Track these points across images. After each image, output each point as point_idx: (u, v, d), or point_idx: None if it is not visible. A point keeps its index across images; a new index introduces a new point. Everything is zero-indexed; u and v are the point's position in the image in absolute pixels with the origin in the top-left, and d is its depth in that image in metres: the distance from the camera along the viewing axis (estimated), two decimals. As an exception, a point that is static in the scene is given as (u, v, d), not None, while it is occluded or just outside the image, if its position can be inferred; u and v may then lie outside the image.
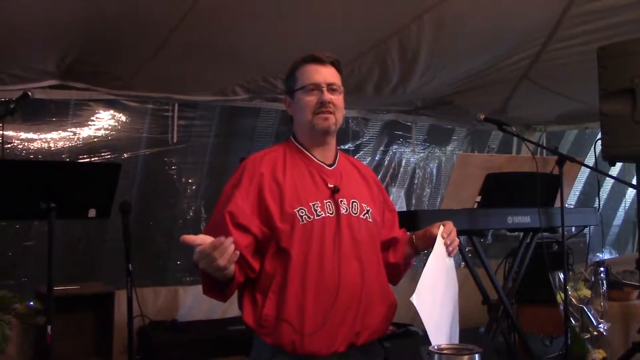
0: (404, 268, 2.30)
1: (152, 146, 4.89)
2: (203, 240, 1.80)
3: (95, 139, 4.67)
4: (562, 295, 3.30)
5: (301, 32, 3.84)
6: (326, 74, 2.13)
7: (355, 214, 2.10)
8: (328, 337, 1.98)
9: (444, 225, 2.12)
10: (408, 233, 2.31)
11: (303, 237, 1.99)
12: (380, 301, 2.11)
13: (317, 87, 2.11)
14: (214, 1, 3.42)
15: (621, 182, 4.36)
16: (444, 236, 2.10)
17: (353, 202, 2.11)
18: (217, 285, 1.94)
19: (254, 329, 2.00)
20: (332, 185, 2.09)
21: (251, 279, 2.02)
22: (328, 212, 2.04)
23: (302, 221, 2.00)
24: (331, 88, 2.12)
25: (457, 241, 2.14)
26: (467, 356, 1.73)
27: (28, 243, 4.48)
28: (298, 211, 2.01)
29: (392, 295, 2.19)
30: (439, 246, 2.09)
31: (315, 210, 2.03)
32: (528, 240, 3.77)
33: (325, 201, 2.05)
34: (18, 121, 4.32)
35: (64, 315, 3.85)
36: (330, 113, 2.10)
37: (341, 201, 2.08)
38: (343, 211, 2.07)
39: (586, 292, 3.43)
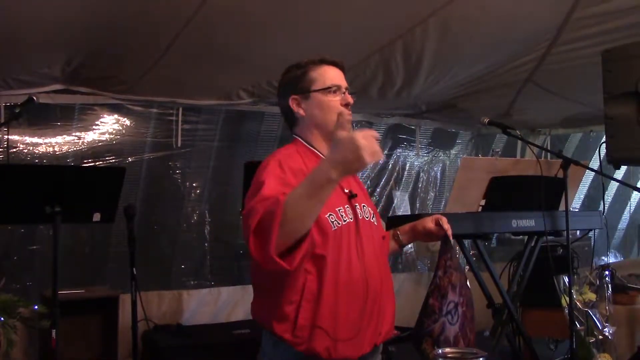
0: None
1: (156, 150, 4.90)
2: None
3: (100, 143, 4.69)
4: (567, 299, 3.29)
5: (305, 36, 3.85)
6: (342, 78, 2.13)
7: (367, 218, 2.12)
8: (359, 341, 2.00)
9: (439, 219, 2.22)
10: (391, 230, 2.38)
11: (335, 243, 1.97)
12: (390, 301, 2.15)
13: (339, 89, 2.10)
14: (218, 6, 3.42)
15: (626, 185, 4.33)
16: (446, 227, 2.20)
17: (363, 206, 2.13)
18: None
19: (288, 340, 1.94)
20: (347, 191, 2.09)
21: (274, 292, 1.97)
22: (349, 218, 2.04)
23: (334, 227, 1.98)
24: (348, 92, 2.12)
25: None
26: (472, 360, 1.73)
27: (33, 247, 4.50)
28: (329, 217, 1.98)
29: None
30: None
31: (342, 216, 2.02)
32: (533, 244, 3.75)
33: (345, 206, 2.05)
34: (23, 125, 4.34)
35: (69, 319, 3.85)
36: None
37: (355, 206, 2.09)
38: (360, 216, 2.08)
39: (591, 296, 3.42)
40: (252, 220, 1.76)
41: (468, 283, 2.25)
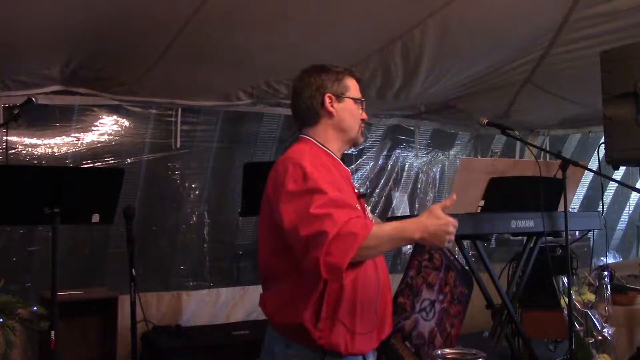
0: None
1: (155, 151, 4.89)
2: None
3: (99, 144, 4.68)
4: (566, 299, 3.29)
5: (305, 37, 3.85)
6: None
7: (371, 218, 2.21)
8: (372, 335, 2.08)
9: None
10: None
11: None
12: (391, 298, 2.23)
13: (363, 104, 2.24)
14: (217, 7, 3.42)
15: (625, 186, 4.35)
16: None
17: (366, 206, 2.23)
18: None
19: (311, 332, 1.97)
20: (357, 191, 2.18)
21: (296, 286, 2.02)
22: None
23: None
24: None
25: None
26: (471, 361, 1.73)
27: (32, 248, 4.49)
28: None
29: None
30: None
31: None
32: (532, 245, 3.76)
33: (356, 205, 2.11)
34: (22, 127, 4.33)
35: (68, 320, 3.85)
36: None
37: (364, 206, 2.18)
38: (368, 215, 2.17)
39: (590, 297, 3.42)
40: (330, 227, 1.84)
41: (470, 280, 2.27)
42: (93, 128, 4.66)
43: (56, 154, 4.52)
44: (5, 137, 4.21)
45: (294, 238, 1.92)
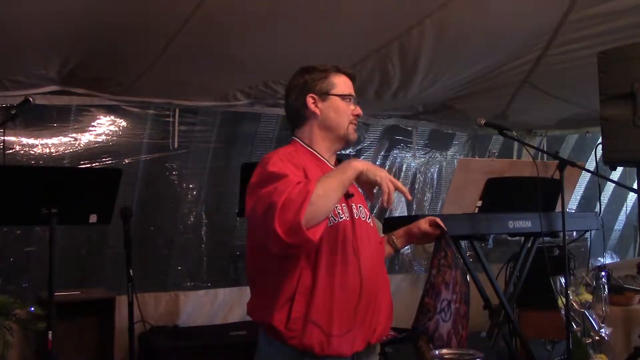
0: None
1: (153, 152, 4.89)
2: None
3: (96, 145, 4.67)
4: (564, 299, 3.29)
5: (302, 38, 3.85)
6: (353, 90, 2.24)
7: (364, 218, 2.18)
8: (352, 337, 2.03)
9: (434, 219, 2.32)
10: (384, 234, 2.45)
11: (330, 238, 2.02)
12: (386, 301, 2.19)
13: (353, 100, 2.21)
14: (215, 7, 3.42)
15: (622, 186, 4.35)
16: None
17: (359, 206, 2.19)
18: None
19: (282, 333, 1.97)
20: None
21: (270, 288, 2.01)
22: (345, 216, 2.10)
23: (330, 222, 2.02)
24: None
25: None
26: (468, 361, 1.73)
27: (29, 249, 4.48)
28: None
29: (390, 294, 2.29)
30: None
31: (338, 213, 2.08)
32: (529, 245, 3.76)
33: (342, 205, 2.10)
34: (19, 127, 4.32)
35: (65, 320, 3.84)
36: None
37: (352, 205, 2.15)
38: (356, 215, 2.14)
39: (587, 297, 3.42)
40: (278, 197, 1.83)
41: (469, 278, 2.26)
42: (90, 128, 4.65)
43: (53, 154, 4.51)
44: (2, 138, 4.21)
45: (256, 222, 1.95)
